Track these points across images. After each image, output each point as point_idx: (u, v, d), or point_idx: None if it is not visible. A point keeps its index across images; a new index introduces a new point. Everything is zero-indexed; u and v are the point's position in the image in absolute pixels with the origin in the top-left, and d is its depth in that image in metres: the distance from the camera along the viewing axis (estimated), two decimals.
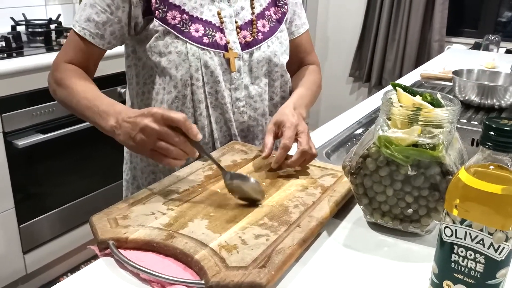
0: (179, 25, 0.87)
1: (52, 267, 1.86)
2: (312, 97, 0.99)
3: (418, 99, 0.66)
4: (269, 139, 0.82)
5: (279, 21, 0.98)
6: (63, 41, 1.91)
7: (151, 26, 0.87)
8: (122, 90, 1.86)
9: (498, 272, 0.46)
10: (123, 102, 1.09)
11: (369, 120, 1.18)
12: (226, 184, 0.71)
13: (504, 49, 2.33)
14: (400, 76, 2.82)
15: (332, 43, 3.40)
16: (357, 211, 0.71)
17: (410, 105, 0.64)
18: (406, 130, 0.63)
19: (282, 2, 0.99)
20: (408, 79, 1.65)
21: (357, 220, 0.71)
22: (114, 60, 1.84)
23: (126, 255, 0.58)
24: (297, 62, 1.07)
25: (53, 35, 1.99)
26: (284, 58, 0.97)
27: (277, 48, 0.95)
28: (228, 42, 0.90)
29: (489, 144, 0.45)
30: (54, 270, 1.87)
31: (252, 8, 0.94)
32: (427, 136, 0.62)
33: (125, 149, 1.04)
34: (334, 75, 3.42)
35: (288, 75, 1.01)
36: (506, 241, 0.45)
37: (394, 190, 0.64)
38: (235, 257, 0.56)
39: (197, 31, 0.88)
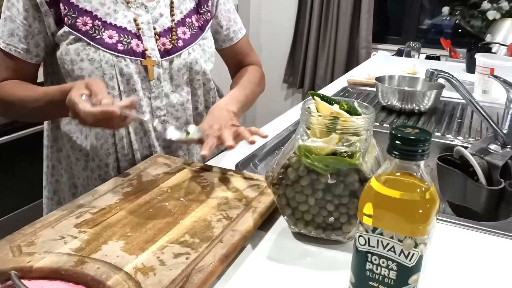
0: (90, 32, 0.83)
1: None
2: (248, 95, 1.00)
3: (335, 107, 0.67)
4: (212, 141, 0.79)
5: (202, 29, 0.96)
6: None
7: (61, 32, 0.84)
8: None
9: (410, 278, 0.47)
10: None
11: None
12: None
13: (425, 55, 2.47)
14: (332, 81, 2.91)
15: (265, 50, 3.44)
16: (282, 221, 0.71)
17: (328, 114, 0.65)
18: (325, 139, 0.63)
19: (204, 10, 0.97)
20: (336, 85, 1.69)
21: (282, 230, 0.70)
22: None
23: (30, 285, 0.53)
24: (236, 65, 1.09)
25: None
26: (207, 66, 0.96)
27: (198, 56, 0.93)
28: (146, 50, 0.87)
29: (396, 153, 0.45)
30: None
31: (172, 15, 0.91)
32: (344, 144, 0.62)
33: (45, 164, 0.98)
34: (269, 81, 3.43)
35: (212, 84, 0.99)
36: (415, 247, 0.46)
37: (315, 199, 0.64)
38: (151, 280, 0.53)
39: (110, 37, 0.84)
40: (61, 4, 0.82)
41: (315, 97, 0.68)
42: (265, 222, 0.71)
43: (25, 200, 1.82)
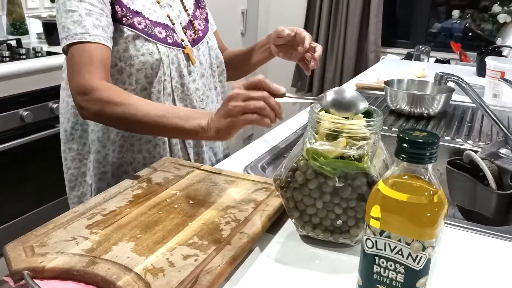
0: (146, 29, 0.95)
1: None
2: None
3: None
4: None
5: (206, 20, 1.12)
6: None
7: (119, 32, 0.92)
8: (54, 106, 1.77)
9: (418, 281, 0.47)
10: (56, 118, 1.04)
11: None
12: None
13: (434, 59, 2.46)
14: (340, 85, 2.91)
15: None
16: (290, 224, 0.71)
17: (335, 118, 0.65)
18: (333, 142, 0.63)
19: (203, 4, 1.13)
20: None
21: (290, 233, 0.70)
22: (46, 74, 1.76)
23: (42, 285, 0.54)
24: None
25: None
26: (218, 51, 1.12)
27: (212, 42, 1.10)
28: (183, 40, 1.01)
29: (403, 156, 0.46)
30: None
31: (186, 10, 1.06)
32: (352, 147, 0.63)
33: (72, 166, 1.04)
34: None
35: (223, 66, 1.14)
36: (423, 250, 0.46)
37: (323, 202, 0.65)
38: (160, 281, 0.53)
39: (160, 33, 0.97)
40: (116, 6, 0.91)
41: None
42: (273, 225, 0.71)
43: (36, 203, 1.84)
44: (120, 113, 0.82)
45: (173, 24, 1.00)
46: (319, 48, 1.05)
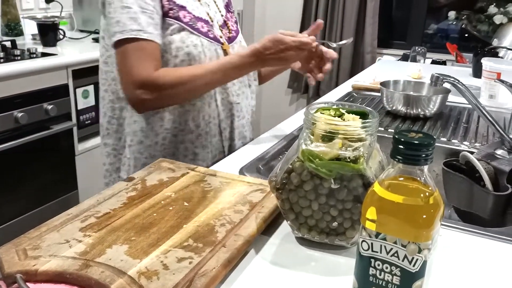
0: (190, 23, 1.00)
1: None
2: None
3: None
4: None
5: (236, 23, 1.18)
6: None
7: (165, 25, 0.97)
8: (49, 107, 1.76)
9: (414, 283, 0.47)
10: (57, 117, 1.03)
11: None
12: None
13: (430, 60, 2.46)
14: (336, 86, 2.91)
15: None
16: (286, 226, 0.71)
17: (330, 119, 0.65)
18: (328, 143, 0.63)
19: (232, 10, 1.19)
20: (341, 90, 1.69)
21: (286, 235, 0.70)
22: (41, 75, 1.75)
23: None
24: None
25: None
26: None
27: (244, 44, 1.17)
28: (221, 37, 1.07)
29: (399, 157, 0.45)
30: None
31: (219, 11, 1.11)
32: (348, 149, 0.62)
33: (107, 161, 1.09)
34: (273, 86, 3.46)
35: None
36: (419, 252, 0.45)
37: (319, 204, 0.64)
38: (155, 284, 0.53)
39: (202, 27, 1.02)
40: (164, 0, 0.97)
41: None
42: (269, 227, 0.71)
43: (31, 205, 1.83)
44: (187, 90, 0.96)
45: (212, 21, 1.05)
46: (328, 65, 1.09)
